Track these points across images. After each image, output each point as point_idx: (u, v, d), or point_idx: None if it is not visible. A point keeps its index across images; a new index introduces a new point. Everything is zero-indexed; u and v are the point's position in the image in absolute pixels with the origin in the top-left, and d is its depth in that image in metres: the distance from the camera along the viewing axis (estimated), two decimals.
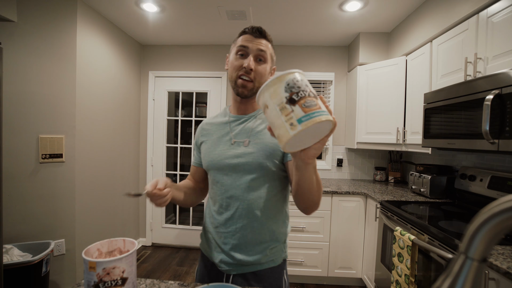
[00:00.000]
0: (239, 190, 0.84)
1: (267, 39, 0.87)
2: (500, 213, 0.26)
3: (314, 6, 2.14)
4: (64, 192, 2.05)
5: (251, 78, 0.83)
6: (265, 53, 0.85)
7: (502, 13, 1.32)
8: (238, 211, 0.84)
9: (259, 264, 0.84)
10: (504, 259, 1.00)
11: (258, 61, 0.84)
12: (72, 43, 2.03)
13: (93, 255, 0.69)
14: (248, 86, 0.84)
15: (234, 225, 0.84)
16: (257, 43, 0.84)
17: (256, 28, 0.85)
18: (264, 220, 0.84)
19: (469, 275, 0.28)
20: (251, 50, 0.83)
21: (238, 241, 0.84)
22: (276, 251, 0.87)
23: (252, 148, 0.85)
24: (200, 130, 1.00)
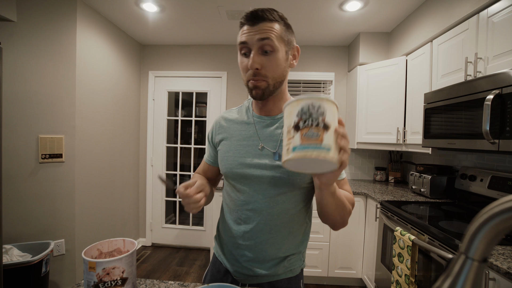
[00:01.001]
0: (262, 204, 0.75)
1: (269, 20, 0.70)
2: (501, 213, 0.26)
3: (314, 6, 2.14)
4: (64, 192, 2.05)
5: (263, 77, 0.71)
6: (270, 41, 0.68)
7: (502, 13, 1.31)
8: (259, 226, 0.76)
9: (277, 275, 0.78)
10: (504, 259, 1.00)
11: (265, 54, 0.70)
12: (72, 43, 2.03)
13: (93, 255, 0.69)
14: (261, 86, 0.71)
15: (253, 239, 0.76)
16: (256, 32, 0.69)
17: (251, 13, 0.70)
18: (286, 235, 0.77)
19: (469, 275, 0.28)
20: (251, 45, 0.69)
21: (256, 255, 0.77)
22: (294, 261, 0.81)
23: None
24: (218, 127, 0.86)
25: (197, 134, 3.58)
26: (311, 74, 2.98)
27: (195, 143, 3.19)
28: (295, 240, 0.80)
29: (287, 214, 0.76)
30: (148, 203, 3.17)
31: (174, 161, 3.34)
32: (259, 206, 0.76)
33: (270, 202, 0.75)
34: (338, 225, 0.73)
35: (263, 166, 0.75)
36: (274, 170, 0.74)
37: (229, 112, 0.88)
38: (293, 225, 0.78)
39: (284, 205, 0.76)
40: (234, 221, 0.80)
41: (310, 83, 3.02)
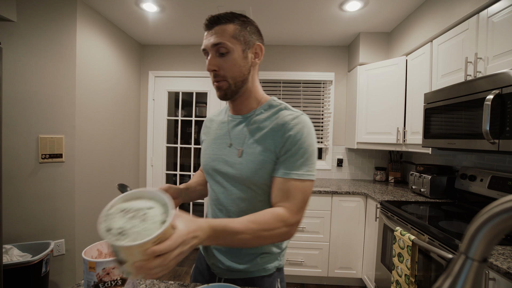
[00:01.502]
0: (229, 200, 0.79)
1: (223, 22, 0.73)
2: (501, 213, 0.26)
3: (314, 6, 2.14)
4: (64, 192, 2.05)
5: (222, 78, 0.74)
6: (223, 44, 0.72)
7: (502, 13, 1.31)
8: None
9: (249, 272, 0.79)
10: (504, 259, 1.00)
11: (221, 56, 0.73)
12: (72, 43, 2.03)
13: (93, 255, 0.69)
14: (222, 86, 0.75)
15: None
16: (210, 37, 0.73)
17: (207, 20, 0.74)
18: None
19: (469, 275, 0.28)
20: (209, 49, 0.74)
21: (228, 249, 0.81)
22: (268, 260, 0.81)
23: (244, 159, 0.77)
24: (204, 127, 0.97)
25: (197, 134, 3.58)
26: (311, 74, 2.98)
27: (195, 143, 3.19)
28: None
29: (256, 210, 0.74)
30: None
31: (174, 161, 3.34)
32: (227, 202, 0.80)
33: (236, 200, 0.78)
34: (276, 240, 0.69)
35: (229, 163, 0.79)
36: (236, 168, 0.77)
37: (215, 113, 0.97)
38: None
39: (249, 203, 0.78)
40: (211, 215, 0.86)
41: (310, 83, 3.02)
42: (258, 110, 0.82)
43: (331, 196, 2.32)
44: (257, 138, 0.78)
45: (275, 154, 0.74)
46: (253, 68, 0.79)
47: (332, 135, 3.00)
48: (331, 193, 2.31)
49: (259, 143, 0.77)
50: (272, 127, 0.76)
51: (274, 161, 0.75)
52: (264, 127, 0.78)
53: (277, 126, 0.76)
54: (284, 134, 0.74)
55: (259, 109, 0.82)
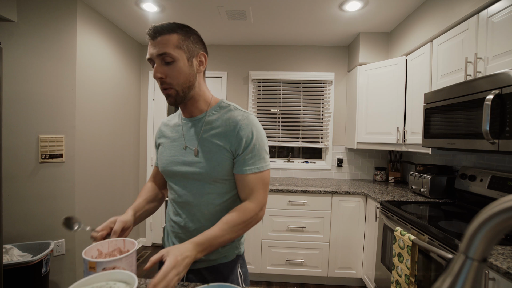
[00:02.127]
0: (190, 196, 0.85)
1: (167, 32, 0.76)
2: (500, 213, 0.26)
3: (314, 6, 2.14)
4: (64, 192, 2.05)
5: (169, 85, 0.79)
6: (168, 54, 0.75)
7: (502, 13, 1.31)
8: (190, 216, 0.86)
9: (212, 260, 0.86)
10: (504, 259, 1.00)
11: (167, 64, 0.77)
12: (72, 43, 2.03)
13: (93, 255, 0.69)
14: (171, 94, 0.80)
15: (187, 227, 0.86)
16: (155, 46, 0.76)
17: (150, 30, 0.76)
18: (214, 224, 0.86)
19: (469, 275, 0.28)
20: (154, 58, 0.77)
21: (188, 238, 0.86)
22: (228, 249, 0.89)
23: (200, 158, 0.84)
24: (158, 131, 0.99)
25: None
26: (311, 74, 2.98)
27: None
28: None
29: (213, 206, 0.85)
30: None
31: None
32: (188, 199, 0.86)
33: (196, 195, 0.85)
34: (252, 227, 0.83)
35: (186, 163, 0.85)
36: (195, 166, 0.83)
37: (169, 117, 1.00)
38: (222, 216, 0.84)
39: (208, 197, 0.84)
40: (173, 213, 0.90)
41: (310, 83, 3.02)
42: (209, 111, 0.88)
43: (331, 196, 2.32)
44: (211, 137, 0.84)
45: (231, 152, 0.83)
46: (198, 74, 0.85)
47: (332, 135, 3.01)
48: (331, 193, 2.31)
49: (213, 142, 0.84)
50: (225, 127, 0.83)
51: (231, 158, 0.83)
52: (217, 127, 0.85)
53: (229, 126, 0.83)
54: (238, 133, 0.82)
55: (210, 111, 0.88)
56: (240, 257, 0.93)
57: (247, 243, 2.40)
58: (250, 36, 2.81)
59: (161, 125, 1.00)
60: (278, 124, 3.03)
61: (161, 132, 0.97)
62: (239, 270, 0.92)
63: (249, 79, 3.02)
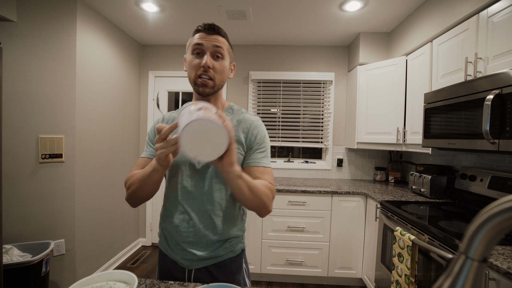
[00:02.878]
0: (199, 192, 0.85)
1: (221, 35, 0.85)
2: (501, 213, 0.26)
3: (314, 6, 2.14)
4: (64, 192, 2.05)
5: (211, 76, 0.83)
6: (221, 49, 0.84)
7: (502, 13, 1.31)
8: (201, 212, 0.85)
9: (219, 256, 0.87)
10: (504, 259, 1.00)
11: (216, 58, 0.84)
12: (72, 43, 2.03)
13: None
14: (209, 85, 0.84)
15: (194, 225, 0.85)
16: (212, 39, 0.82)
17: (209, 25, 0.84)
18: (224, 220, 0.86)
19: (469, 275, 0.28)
20: (206, 48, 0.82)
21: (199, 239, 0.85)
22: (234, 243, 0.90)
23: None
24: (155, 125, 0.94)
25: None
26: (311, 74, 2.98)
27: None
28: (232, 225, 0.89)
29: (222, 201, 0.86)
30: (148, 203, 3.17)
31: None
32: (196, 194, 0.85)
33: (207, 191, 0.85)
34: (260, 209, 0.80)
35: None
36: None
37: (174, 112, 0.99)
38: (230, 212, 0.88)
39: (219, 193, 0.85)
40: (176, 211, 0.88)
41: (310, 83, 3.02)
42: (223, 112, 0.93)
43: (331, 196, 2.32)
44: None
45: (245, 146, 0.87)
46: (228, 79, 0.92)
47: (332, 135, 3.00)
48: (331, 193, 2.31)
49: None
50: (241, 124, 0.89)
51: (243, 153, 0.87)
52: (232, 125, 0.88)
53: (245, 123, 0.90)
54: (253, 130, 0.89)
55: (224, 111, 0.93)
56: (244, 251, 0.95)
57: (247, 243, 2.40)
58: (250, 36, 2.81)
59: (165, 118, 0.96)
60: (278, 124, 3.03)
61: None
62: (245, 265, 0.94)
63: (249, 79, 3.02)
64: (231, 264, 0.89)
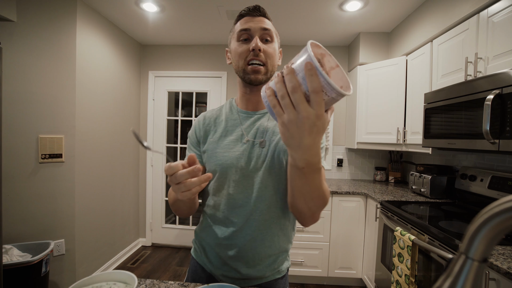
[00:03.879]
0: (250, 199, 0.74)
1: (267, 17, 0.77)
2: (501, 213, 0.26)
3: (314, 6, 2.14)
4: (64, 192, 2.04)
5: (263, 61, 0.73)
6: (270, 31, 0.75)
7: (502, 12, 1.31)
8: (249, 222, 0.74)
9: (265, 277, 0.77)
10: (504, 259, 1.00)
11: (265, 42, 0.75)
12: (72, 43, 2.03)
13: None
14: (261, 71, 0.74)
15: (243, 237, 0.74)
16: (258, 21, 0.74)
17: (252, 7, 0.76)
18: (276, 231, 0.76)
19: (469, 276, 0.28)
20: (254, 31, 0.73)
21: (246, 254, 0.74)
22: (282, 260, 0.81)
23: (269, 149, 0.75)
24: (201, 124, 0.84)
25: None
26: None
27: None
28: (284, 236, 0.79)
29: (274, 209, 0.75)
30: (148, 203, 3.17)
31: (174, 161, 3.33)
32: (247, 201, 0.74)
33: (258, 197, 0.74)
34: (310, 217, 0.65)
35: (251, 157, 0.76)
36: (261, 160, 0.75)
37: (215, 110, 0.88)
38: (282, 221, 0.77)
39: (271, 199, 0.74)
40: (221, 221, 0.77)
41: None
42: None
43: (331, 196, 2.32)
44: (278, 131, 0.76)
45: None
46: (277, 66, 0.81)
47: (332, 135, 3.00)
48: (331, 193, 2.31)
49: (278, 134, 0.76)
50: None
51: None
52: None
53: None
54: None
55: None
56: (288, 270, 0.85)
57: None
58: None
59: (204, 118, 0.85)
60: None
61: (207, 126, 0.83)
62: (287, 286, 0.85)
63: None
64: (276, 286, 0.79)
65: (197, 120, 0.87)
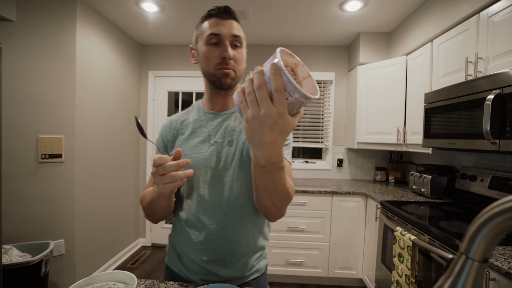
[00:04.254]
0: (222, 199, 0.74)
1: (236, 20, 0.76)
2: (501, 213, 0.26)
3: (314, 6, 2.14)
4: (64, 192, 2.04)
5: (232, 68, 0.75)
6: (240, 38, 0.75)
7: (502, 12, 1.31)
8: (222, 223, 0.73)
9: (244, 277, 0.77)
10: (505, 260, 0.99)
11: (234, 47, 0.75)
12: (72, 43, 2.03)
13: None
14: (231, 75, 0.75)
15: (218, 239, 0.73)
16: (229, 27, 0.73)
17: (223, 8, 0.74)
18: (250, 228, 0.76)
19: (469, 276, 0.28)
20: (225, 37, 0.73)
21: (223, 256, 0.74)
22: (261, 259, 0.81)
23: (237, 147, 0.76)
24: (168, 129, 0.83)
25: None
26: (311, 74, 2.97)
27: None
28: (259, 234, 0.79)
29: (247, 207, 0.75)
30: None
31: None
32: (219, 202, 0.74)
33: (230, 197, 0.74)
34: (276, 213, 0.66)
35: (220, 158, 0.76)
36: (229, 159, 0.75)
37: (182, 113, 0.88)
38: (256, 218, 0.77)
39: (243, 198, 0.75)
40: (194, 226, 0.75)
41: None
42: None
43: (331, 196, 2.32)
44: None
45: None
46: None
47: (332, 135, 3.00)
48: (331, 193, 2.31)
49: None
50: None
51: None
52: None
53: None
54: None
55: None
56: (266, 268, 0.86)
57: None
58: (250, 36, 2.80)
59: (171, 122, 0.85)
60: None
61: (175, 129, 0.83)
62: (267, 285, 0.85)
63: None
64: (256, 286, 0.79)
65: (163, 125, 0.86)
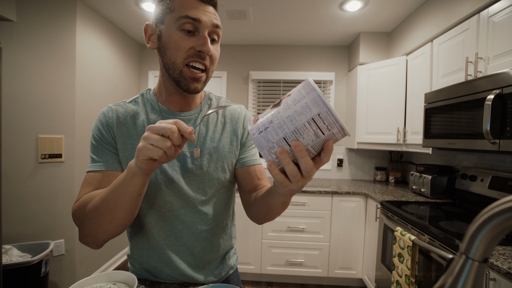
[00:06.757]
0: (193, 213, 0.68)
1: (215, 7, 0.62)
2: (501, 213, 0.26)
3: (314, 6, 2.14)
4: (64, 192, 2.04)
5: (206, 67, 0.62)
6: (219, 30, 0.62)
7: (503, 12, 1.31)
8: (194, 236, 0.70)
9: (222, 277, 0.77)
10: (505, 260, 0.99)
11: (212, 41, 0.62)
12: (72, 43, 2.03)
13: None
14: (202, 79, 0.63)
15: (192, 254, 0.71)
16: (209, 14, 0.59)
17: None
18: (221, 234, 0.75)
19: (469, 276, 0.28)
20: (205, 26, 0.58)
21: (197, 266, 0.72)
22: (231, 256, 0.81)
23: (206, 160, 0.68)
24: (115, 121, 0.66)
25: None
26: (311, 74, 2.98)
27: None
28: (227, 234, 0.79)
29: (217, 215, 0.73)
30: None
31: None
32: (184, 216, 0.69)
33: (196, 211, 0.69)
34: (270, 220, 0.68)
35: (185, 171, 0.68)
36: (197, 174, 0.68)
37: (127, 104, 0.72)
38: (224, 222, 0.76)
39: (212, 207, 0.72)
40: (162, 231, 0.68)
41: None
42: (203, 104, 0.75)
43: (331, 196, 2.32)
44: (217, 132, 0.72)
45: (239, 144, 0.74)
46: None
47: None
48: (331, 193, 2.31)
49: (220, 137, 0.72)
50: (230, 118, 0.74)
51: (237, 152, 0.74)
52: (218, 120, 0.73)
53: (233, 117, 0.75)
54: (243, 125, 0.75)
55: (203, 103, 0.75)
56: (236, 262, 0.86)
57: (247, 244, 2.40)
58: (250, 36, 2.80)
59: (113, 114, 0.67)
60: None
61: (120, 123, 0.67)
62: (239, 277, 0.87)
63: (249, 79, 3.02)
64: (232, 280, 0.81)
65: (105, 115, 0.67)
